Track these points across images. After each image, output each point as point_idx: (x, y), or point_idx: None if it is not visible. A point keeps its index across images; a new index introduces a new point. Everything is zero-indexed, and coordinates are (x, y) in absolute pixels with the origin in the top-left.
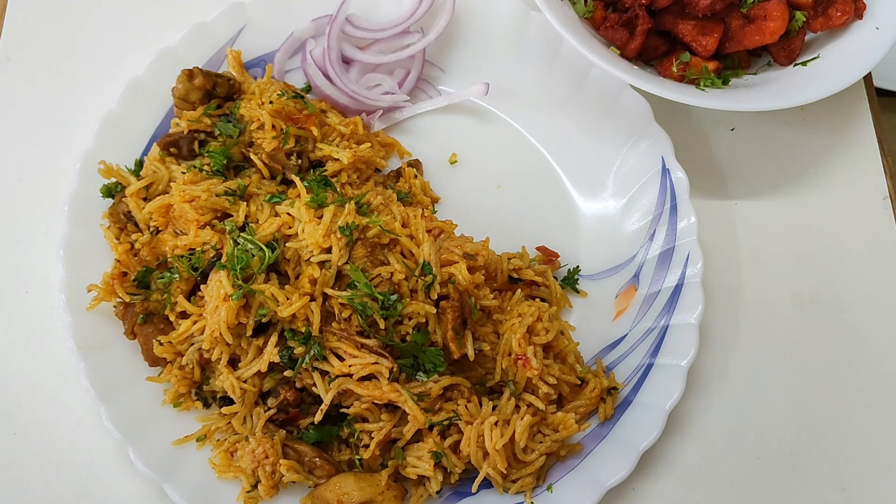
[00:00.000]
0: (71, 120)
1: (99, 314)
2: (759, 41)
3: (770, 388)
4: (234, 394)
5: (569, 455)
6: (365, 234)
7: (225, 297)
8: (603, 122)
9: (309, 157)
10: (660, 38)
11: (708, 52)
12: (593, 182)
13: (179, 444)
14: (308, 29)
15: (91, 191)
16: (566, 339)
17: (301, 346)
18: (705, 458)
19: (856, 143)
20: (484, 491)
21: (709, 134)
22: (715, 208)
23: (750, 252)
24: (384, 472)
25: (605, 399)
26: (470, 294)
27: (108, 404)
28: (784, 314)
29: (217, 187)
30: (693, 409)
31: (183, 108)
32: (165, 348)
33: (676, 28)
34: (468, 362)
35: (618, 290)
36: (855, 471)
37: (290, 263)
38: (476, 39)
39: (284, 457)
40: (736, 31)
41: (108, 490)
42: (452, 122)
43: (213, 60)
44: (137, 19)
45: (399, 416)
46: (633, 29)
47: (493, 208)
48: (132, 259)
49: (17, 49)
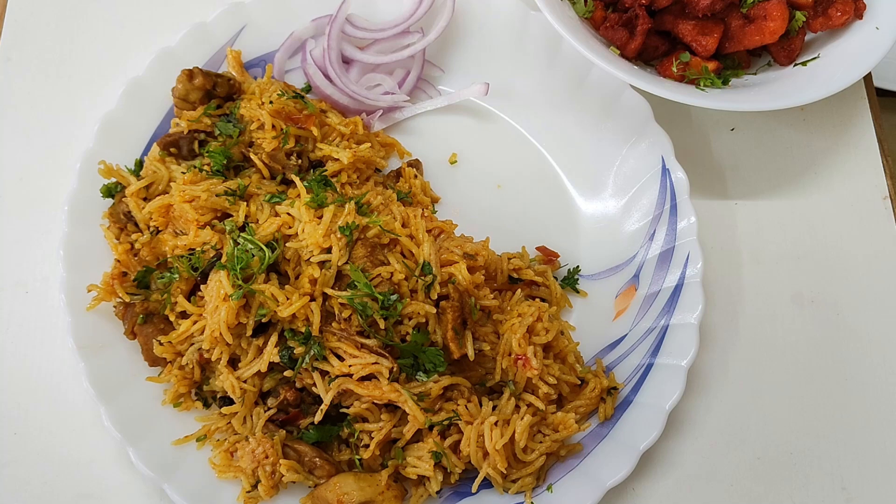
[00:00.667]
0: (71, 120)
1: (99, 314)
2: (759, 41)
3: (770, 388)
4: (234, 394)
5: (569, 455)
6: (365, 234)
7: (225, 297)
8: (603, 122)
9: (309, 157)
10: (660, 38)
11: (708, 52)
12: (593, 182)
13: (179, 444)
14: (308, 29)
15: (91, 191)
16: (566, 339)
17: (301, 346)
18: (705, 458)
19: (856, 143)
20: (484, 491)
21: (709, 134)
22: (715, 208)
23: (750, 252)
24: (384, 472)
25: (605, 399)
26: (470, 294)
27: (108, 404)
28: (784, 314)
29: (217, 187)
30: (693, 409)
31: (183, 108)
32: (165, 348)
33: (676, 28)
34: (468, 362)
35: (618, 290)
36: (855, 471)
37: (290, 263)
38: (476, 39)
39: (284, 457)
40: (736, 31)
41: (108, 490)
42: (452, 122)
43: (213, 60)
44: (137, 19)
45: (399, 416)
46: (633, 29)
47: (493, 208)
48: (132, 259)
49: (17, 49)
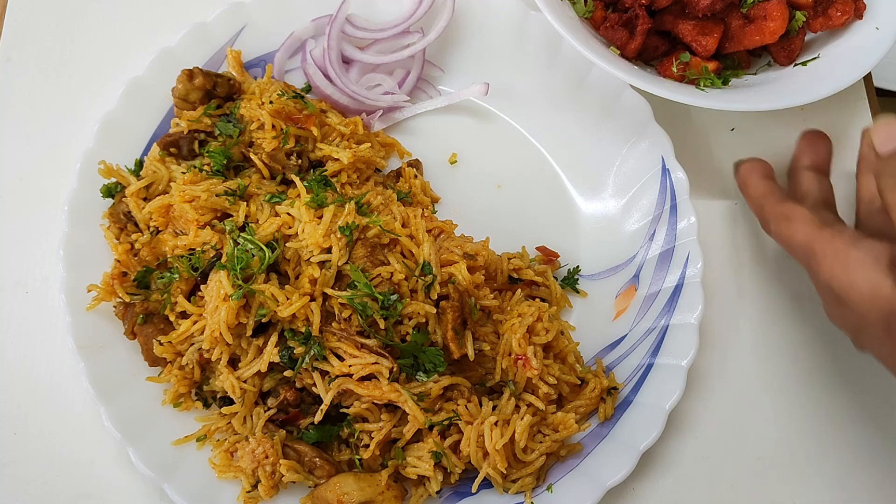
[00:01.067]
0: (71, 120)
1: (99, 314)
2: (759, 41)
3: (770, 388)
4: (234, 394)
5: (569, 455)
6: (365, 234)
7: (225, 297)
8: (603, 122)
9: (309, 157)
10: (660, 37)
11: (708, 52)
12: (593, 182)
13: (179, 444)
14: (308, 29)
15: (91, 191)
16: (566, 339)
17: (301, 346)
18: (705, 458)
19: (856, 143)
20: (484, 491)
21: (709, 134)
22: (715, 208)
23: (750, 252)
24: (384, 472)
25: (605, 399)
26: (470, 294)
27: (108, 404)
28: (784, 314)
29: (217, 187)
30: (693, 409)
31: (183, 108)
32: (165, 348)
33: (676, 28)
34: (468, 362)
35: (618, 290)
36: (855, 471)
37: (290, 263)
38: (476, 39)
39: (284, 457)
40: (736, 31)
41: (108, 490)
42: (452, 122)
43: (213, 60)
44: (137, 19)
45: (399, 416)
46: (633, 29)
47: (493, 208)
48: (132, 259)
49: (18, 49)
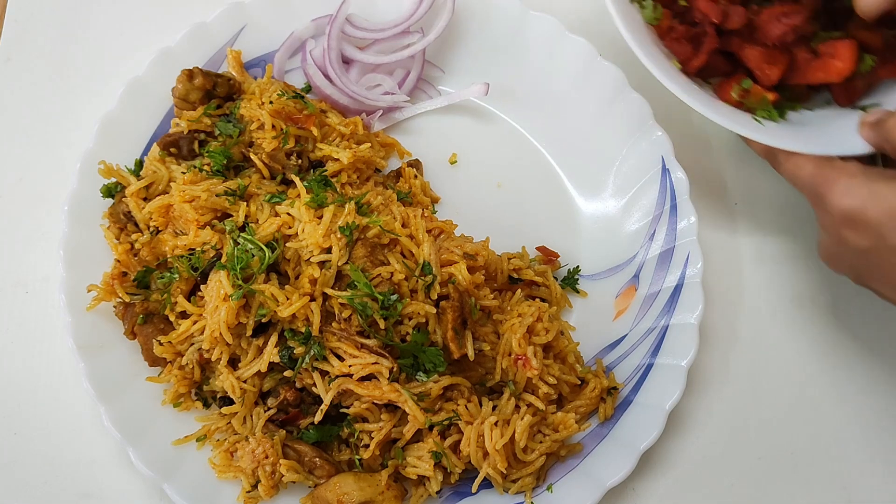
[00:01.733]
0: (71, 120)
1: (99, 314)
2: (822, 78)
3: (770, 388)
4: (234, 394)
5: (569, 455)
6: (365, 234)
7: (225, 297)
8: (603, 122)
9: (309, 157)
10: (722, 57)
11: (771, 81)
12: (593, 182)
13: (179, 444)
14: (308, 29)
15: (91, 191)
16: (566, 339)
17: (301, 346)
18: (705, 457)
19: None
20: (484, 491)
21: (709, 134)
22: (715, 208)
23: (750, 252)
24: (384, 472)
25: (605, 399)
26: (470, 294)
27: (108, 404)
28: (784, 314)
29: (217, 187)
30: (693, 409)
31: (183, 108)
32: (165, 348)
33: (742, 51)
34: (468, 362)
35: (618, 290)
36: (855, 471)
37: (290, 263)
38: (476, 39)
39: (284, 457)
40: (801, 64)
41: (108, 490)
42: (452, 122)
43: (213, 60)
44: (137, 19)
45: (399, 416)
46: (698, 45)
47: (493, 208)
48: (132, 259)
49: (18, 49)
